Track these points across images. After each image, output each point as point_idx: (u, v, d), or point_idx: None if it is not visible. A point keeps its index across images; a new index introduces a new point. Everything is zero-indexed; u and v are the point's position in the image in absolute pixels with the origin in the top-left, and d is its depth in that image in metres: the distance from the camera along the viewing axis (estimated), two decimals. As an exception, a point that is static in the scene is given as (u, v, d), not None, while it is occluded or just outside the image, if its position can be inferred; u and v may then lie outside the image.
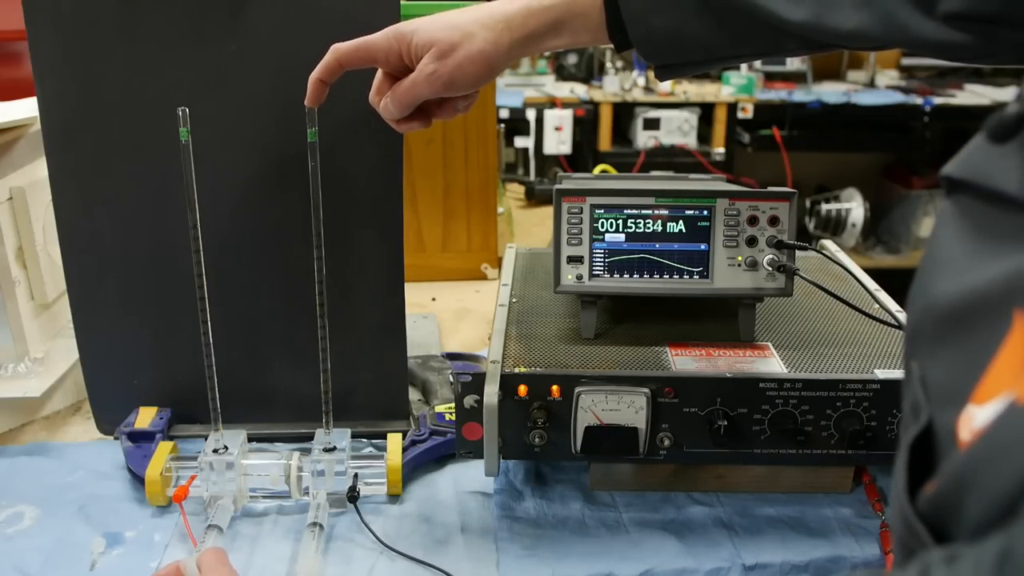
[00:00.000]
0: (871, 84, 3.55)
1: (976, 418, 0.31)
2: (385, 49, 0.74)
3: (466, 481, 0.86)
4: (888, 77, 3.65)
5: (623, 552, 0.76)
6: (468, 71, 0.73)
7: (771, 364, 0.79)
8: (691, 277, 0.81)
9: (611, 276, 0.82)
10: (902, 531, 0.35)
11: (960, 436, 0.32)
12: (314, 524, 0.77)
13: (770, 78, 3.41)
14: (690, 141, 3.30)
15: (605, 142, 3.31)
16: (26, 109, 0.98)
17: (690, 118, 3.28)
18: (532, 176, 3.00)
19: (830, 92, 3.37)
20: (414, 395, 0.99)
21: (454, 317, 1.24)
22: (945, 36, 0.64)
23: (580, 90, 3.36)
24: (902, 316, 0.82)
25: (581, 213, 0.80)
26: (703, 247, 0.81)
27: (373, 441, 0.92)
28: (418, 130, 0.79)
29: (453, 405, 0.79)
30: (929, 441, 0.35)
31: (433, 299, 1.30)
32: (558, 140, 3.18)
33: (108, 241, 0.88)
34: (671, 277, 0.81)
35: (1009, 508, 0.28)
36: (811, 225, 3.40)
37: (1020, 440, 0.28)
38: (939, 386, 0.35)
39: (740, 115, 3.29)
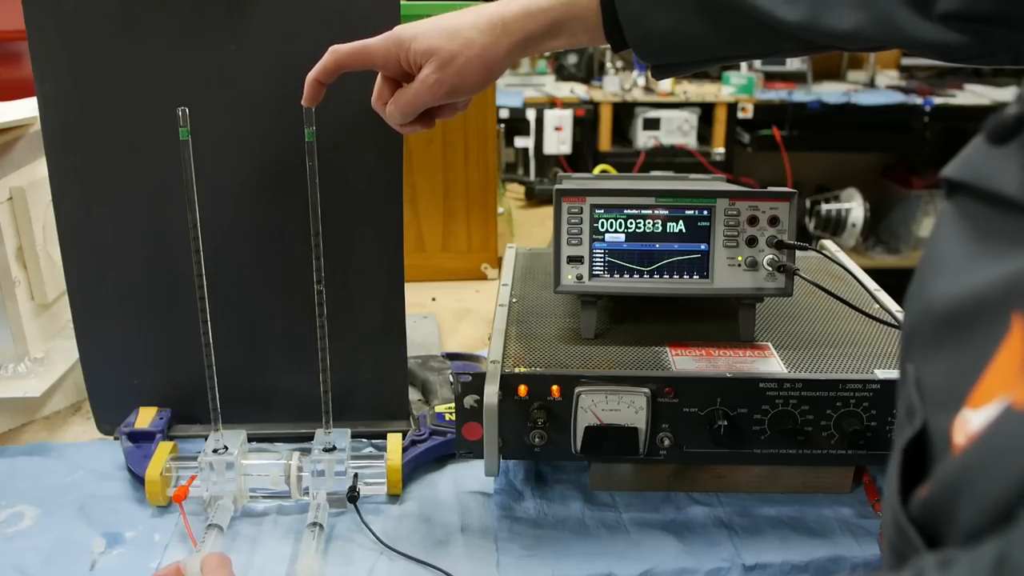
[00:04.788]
0: (871, 84, 3.55)
1: (971, 422, 0.31)
2: (383, 54, 0.74)
3: (466, 481, 0.86)
4: (888, 77, 3.65)
5: (623, 552, 0.76)
6: (469, 78, 0.73)
7: (771, 364, 0.79)
8: (691, 277, 0.81)
9: (611, 276, 0.82)
10: (893, 535, 0.35)
11: (955, 440, 0.32)
12: (314, 524, 0.77)
13: (770, 78, 3.41)
14: (690, 141, 3.30)
15: (605, 142, 3.31)
16: (26, 109, 0.98)
17: (690, 118, 3.28)
18: (532, 176, 3.00)
19: (830, 92, 3.37)
20: (414, 395, 0.99)
21: (454, 317, 1.24)
22: (941, 37, 0.64)
23: (580, 90, 3.36)
24: (902, 316, 0.82)
25: (581, 213, 0.80)
26: (703, 247, 0.81)
27: (373, 441, 0.92)
28: (421, 131, 0.79)
29: (453, 405, 0.79)
30: (923, 445, 0.35)
31: (433, 299, 1.30)
32: (558, 140, 3.18)
33: (108, 241, 0.88)
34: (671, 277, 0.81)
35: (1004, 514, 0.28)
36: (811, 225, 3.40)
37: (1016, 445, 0.28)
38: (934, 389, 0.35)
39: (740, 115, 3.29)
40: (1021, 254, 0.32)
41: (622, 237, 0.81)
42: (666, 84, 3.28)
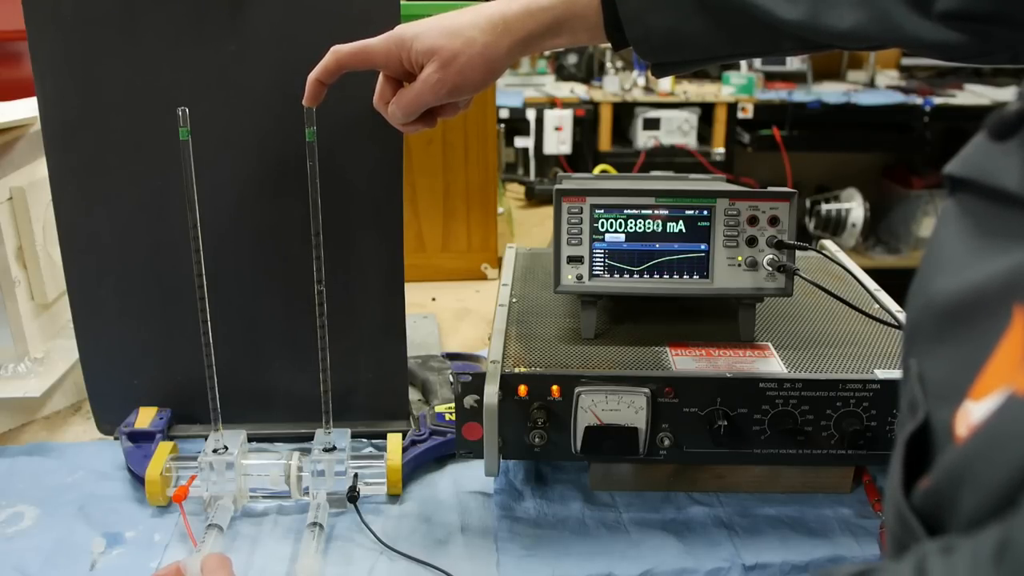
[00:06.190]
0: (871, 84, 3.55)
1: (973, 413, 0.31)
2: (384, 54, 0.74)
3: (466, 481, 0.86)
4: (888, 77, 3.65)
5: (623, 552, 0.76)
6: (471, 77, 0.73)
7: (771, 364, 0.79)
8: (691, 277, 0.81)
9: (611, 276, 0.82)
10: (895, 526, 0.35)
11: (957, 432, 0.32)
12: (314, 524, 0.77)
13: (770, 78, 3.41)
14: (690, 141, 3.30)
15: (605, 142, 3.31)
16: (26, 109, 0.98)
17: (690, 118, 3.28)
18: (532, 176, 3.00)
19: (830, 92, 3.37)
20: (414, 395, 0.99)
21: (454, 317, 1.24)
22: (940, 36, 0.64)
23: (580, 90, 3.36)
24: (902, 316, 0.82)
25: (581, 213, 0.80)
26: (703, 247, 0.80)
27: (373, 441, 0.92)
28: (423, 130, 0.79)
29: (453, 405, 0.79)
30: (925, 437, 0.35)
31: (433, 299, 1.30)
32: (558, 140, 3.18)
33: (108, 241, 0.88)
34: (671, 277, 0.81)
35: (1006, 500, 0.28)
36: (811, 225, 3.40)
37: (1018, 432, 0.28)
38: (937, 383, 0.35)
39: (740, 115, 3.29)
40: (1022, 248, 0.33)
41: (622, 237, 0.81)
42: (666, 84, 3.29)
